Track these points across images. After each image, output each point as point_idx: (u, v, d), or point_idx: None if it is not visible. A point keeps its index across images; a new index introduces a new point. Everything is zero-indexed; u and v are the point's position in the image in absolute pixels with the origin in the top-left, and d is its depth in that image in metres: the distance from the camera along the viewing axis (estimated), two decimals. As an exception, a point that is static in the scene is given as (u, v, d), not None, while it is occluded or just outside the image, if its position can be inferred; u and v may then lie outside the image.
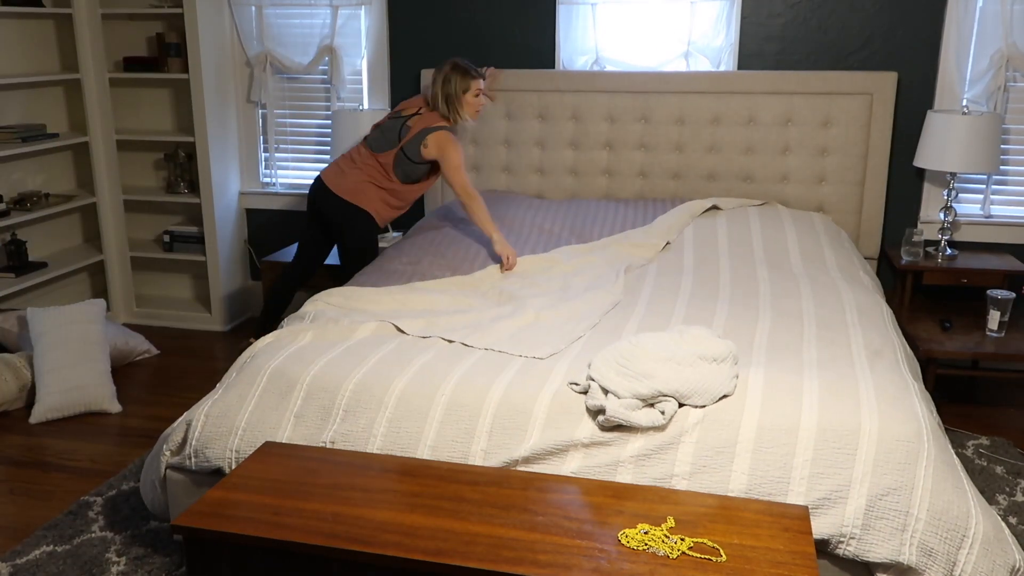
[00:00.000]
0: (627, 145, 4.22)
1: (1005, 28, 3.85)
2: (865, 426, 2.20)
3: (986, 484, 3.09)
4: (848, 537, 2.09)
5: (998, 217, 4.10)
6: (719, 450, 2.21)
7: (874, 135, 3.99)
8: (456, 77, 3.61)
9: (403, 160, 3.66)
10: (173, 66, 4.53)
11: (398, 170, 3.68)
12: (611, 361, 2.40)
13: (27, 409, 3.75)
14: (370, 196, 3.73)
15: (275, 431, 2.45)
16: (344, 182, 3.74)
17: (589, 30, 4.27)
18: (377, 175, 3.72)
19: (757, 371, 2.46)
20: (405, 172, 3.69)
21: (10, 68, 4.36)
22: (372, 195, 3.73)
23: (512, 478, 2.19)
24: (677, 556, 1.88)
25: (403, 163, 3.66)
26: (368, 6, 4.48)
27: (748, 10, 4.12)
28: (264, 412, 2.49)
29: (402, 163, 3.66)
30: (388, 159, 3.68)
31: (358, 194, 3.72)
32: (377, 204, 3.75)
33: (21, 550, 2.71)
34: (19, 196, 4.37)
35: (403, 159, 3.65)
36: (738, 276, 3.30)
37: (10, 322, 4.00)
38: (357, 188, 3.72)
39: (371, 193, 3.73)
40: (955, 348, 3.54)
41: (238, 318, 4.96)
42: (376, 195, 3.74)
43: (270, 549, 1.97)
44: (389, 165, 3.69)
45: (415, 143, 3.62)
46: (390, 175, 3.70)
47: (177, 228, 4.82)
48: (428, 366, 2.54)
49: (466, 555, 1.88)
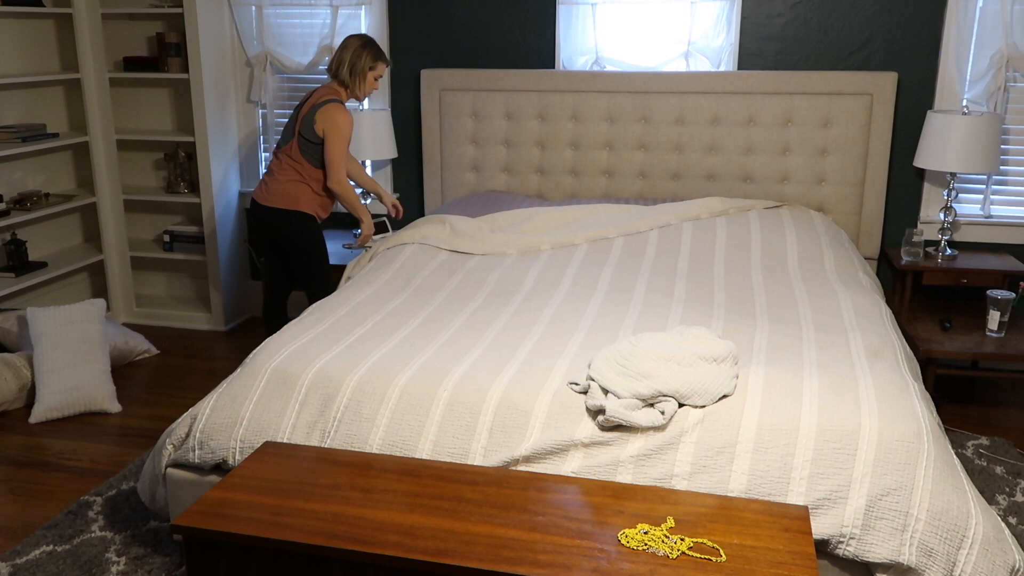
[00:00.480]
0: (627, 145, 4.22)
1: (1005, 28, 3.85)
2: (865, 426, 2.20)
3: (986, 484, 3.09)
4: (848, 537, 2.09)
5: (998, 217, 4.10)
6: (719, 450, 2.21)
7: (874, 135, 3.99)
8: (367, 54, 3.69)
9: (303, 143, 3.69)
10: (173, 66, 4.53)
11: (306, 155, 3.70)
12: (611, 361, 2.40)
13: (27, 409, 3.75)
14: (297, 194, 3.73)
15: (279, 419, 2.47)
16: (270, 192, 3.74)
17: (589, 30, 4.27)
18: (292, 171, 3.72)
19: (757, 371, 2.46)
20: (311, 155, 3.71)
21: (10, 68, 4.37)
22: (298, 189, 3.73)
23: (512, 478, 2.19)
24: (677, 556, 1.88)
25: (305, 146, 3.69)
26: (368, 6, 4.48)
27: (748, 10, 4.12)
28: (268, 402, 2.50)
29: (305, 147, 3.69)
30: (294, 148, 3.71)
31: (287, 197, 3.72)
32: (306, 197, 3.74)
33: (21, 550, 2.71)
34: (19, 196, 4.37)
35: (303, 142, 3.69)
36: (733, 283, 3.30)
37: (10, 322, 4.00)
38: (284, 191, 3.72)
39: (297, 191, 3.73)
40: (955, 348, 3.54)
41: (238, 318, 4.96)
42: (302, 191, 3.73)
43: (270, 549, 1.97)
44: (297, 153, 3.71)
45: (308, 122, 3.67)
46: (302, 163, 3.72)
47: (177, 228, 4.81)
48: (430, 363, 2.55)
49: (466, 555, 1.88)
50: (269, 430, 2.46)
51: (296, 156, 3.70)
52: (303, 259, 3.81)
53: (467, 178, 4.44)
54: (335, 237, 4.61)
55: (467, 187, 4.42)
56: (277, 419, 2.47)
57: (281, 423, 2.46)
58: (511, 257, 3.61)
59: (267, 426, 2.46)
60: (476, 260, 3.58)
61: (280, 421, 2.46)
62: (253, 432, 2.46)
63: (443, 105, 4.38)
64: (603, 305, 3.08)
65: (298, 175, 3.72)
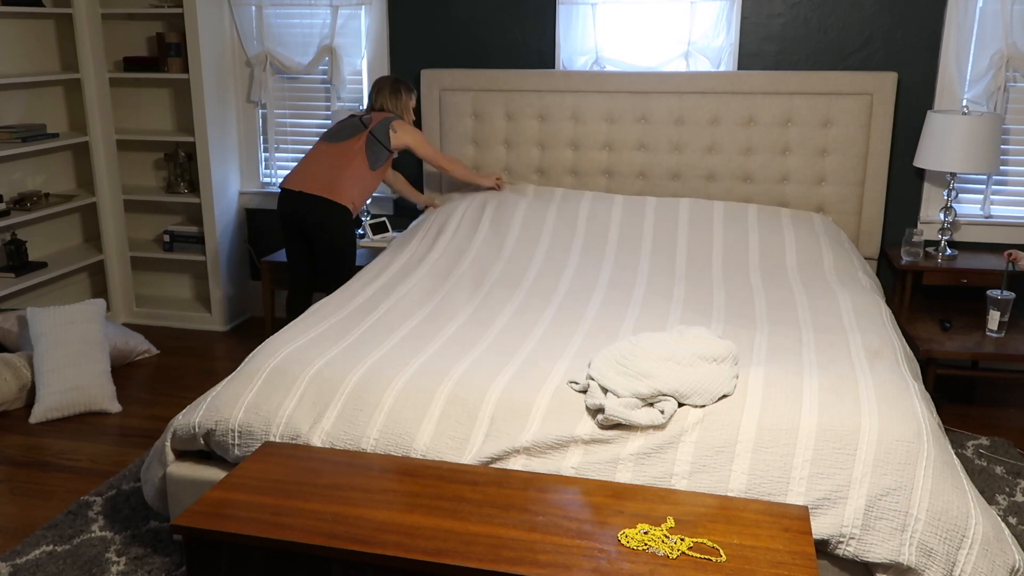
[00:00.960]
0: (627, 145, 4.22)
1: (1005, 28, 3.85)
2: (865, 426, 2.20)
3: (986, 484, 3.09)
4: (848, 537, 2.09)
5: (998, 217, 4.10)
6: (719, 450, 2.21)
7: (874, 135, 3.99)
8: (404, 91, 3.98)
9: (373, 142, 3.82)
10: (173, 66, 4.53)
11: (369, 152, 3.82)
12: (611, 360, 2.40)
13: (27, 409, 3.75)
14: (343, 185, 3.80)
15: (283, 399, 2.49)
16: (314, 180, 3.81)
17: (589, 30, 4.27)
18: (343, 161, 3.81)
19: (757, 371, 2.46)
20: (374, 154, 3.83)
21: (10, 68, 4.37)
22: (345, 182, 3.80)
23: (512, 478, 2.19)
24: (677, 556, 1.88)
25: (373, 145, 3.82)
26: (368, 6, 4.48)
27: (748, 10, 4.12)
28: (270, 388, 2.53)
29: (372, 145, 3.82)
30: (357, 144, 3.82)
31: (329, 185, 3.79)
32: (350, 191, 3.82)
33: (21, 550, 2.71)
34: (19, 196, 4.37)
35: (373, 141, 3.82)
36: (732, 284, 3.30)
37: (10, 322, 4.00)
38: (329, 179, 3.79)
39: (344, 179, 3.80)
40: (955, 348, 3.54)
41: (238, 318, 4.96)
42: (348, 182, 3.81)
43: (270, 549, 1.97)
44: (359, 150, 3.80)
45: (383, 127, 3.87)
46: (357, 160, 3.81)
47: (177, 228, 4.81)
48: (429, 363, 2.56)
49: (466, 555, 1.88)
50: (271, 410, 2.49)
51: (356, 150, 3.81)
52: (329, 251, 3.86)
53: (467, 178, 4.43)
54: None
55: (467, 187, 4.42)
56: (280, 403, 2.49)
57: (284, 404, 2.48)
58: (509, 250, 3.65)
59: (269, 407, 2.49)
60: (475, 255, 3.61)
61: (283, 402, 2.49)
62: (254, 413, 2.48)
63: (443, 105, 4.38)
64: (602, 307, 3.09)
65: (348, 167, 3.80)
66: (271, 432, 2.44)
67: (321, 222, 3.80)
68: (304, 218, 3.82)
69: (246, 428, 2.45)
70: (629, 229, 3.81)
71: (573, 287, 3.31)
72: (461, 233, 3.84)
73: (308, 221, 3.82)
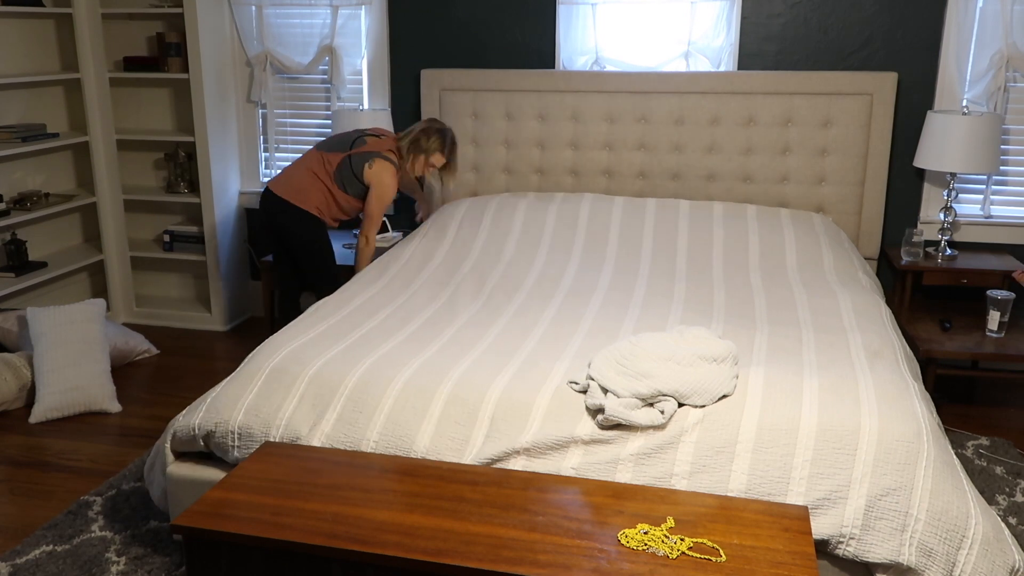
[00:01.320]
0: (627, 145, 4.22)
1: (1005, 28, 3.85)
2: (865, 426, 2.20)
3: (986, 484, 3.09)
4: (848, 537, 2.09)
5: (998, 217, 4.10)
6: (719, 450, 2.21)
7: (874, 135, 3.99)
8: (436, 139, 3.81)
9: (346, 167, 3.79)
10: (173, 66, 4.53)
11: (338, 174, 3.80)
12: (611, 360, 2.40)
13: (27, 409, 3.75)
14: (312, 192, 3.81)
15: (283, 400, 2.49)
16: (287, 181, 3.84)
17: (589, 30, 4.27)
18: (320, 171, 3.82)
19: (757, 371, 2.46)
20: (343, 178, 3.81)
21: (10, 68, 4.36)
22: (314, 190, 3.81)
23: (512, 478, 2.19)
24: (677, 556, 1.88)
25: (344, 170, 3.79)
26: (368, 6, 4.48)
27: (748, 10, 4.12)
28: (270, 389, 2.53)
29: (343, 170, 3.79)
30: (335, 159, 3.81)
31: (301, 192, 3.80)
32: (318, 199, 3.82)
33: (21, 550, 2.71)
34: (19, 196, 4.37)
35: (346, 166, 3.78)
36: (732, 285, 3.30)
37: (10, 322, 4.00)
38: (300, 185, 3.81)
39: (314, 188, 3.81)
40: (955, 348, 3.54)
41: (238, 318, 4.96)
42: (318, 190, 3.81)
43: (270, 549, 1.97)
44: (334, 165, 3.80)
45: (362, 158, 3.78)
46: (331, 175, 3.81)
47: (177, 228, 4.81)
48: (429, 363, 2.56)
49: (466, 555, 1.88)
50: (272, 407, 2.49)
51: (332, 164, 3.80)
52: (307, 257, 3.90)
53: (467, 178, 4.43)
54: (336, 238, 4.62)
55: (467, 187, 4.42)
56: (281, 400, 2.50)
57: (285, 402, 2.49)
58: (510, 254, 3.64)
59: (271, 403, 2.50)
60: (476, 258, 3.61)
61: (284, 400, 2.49)
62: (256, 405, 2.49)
63: (443, 105, 4.38)
64: (602, 307, 3.09)
65: (318, 179, 3.81)
66: (271, 434, 2.44)
67: (286, 224, 3.85)
68: (274, 218, 3.87)
69: (246, 430, 2.45)
70: (629, 230, 3.81)
71: (573, 288, 3.31)
72: (462, 236, 3.85)
73: (277, 221, 3.87)
